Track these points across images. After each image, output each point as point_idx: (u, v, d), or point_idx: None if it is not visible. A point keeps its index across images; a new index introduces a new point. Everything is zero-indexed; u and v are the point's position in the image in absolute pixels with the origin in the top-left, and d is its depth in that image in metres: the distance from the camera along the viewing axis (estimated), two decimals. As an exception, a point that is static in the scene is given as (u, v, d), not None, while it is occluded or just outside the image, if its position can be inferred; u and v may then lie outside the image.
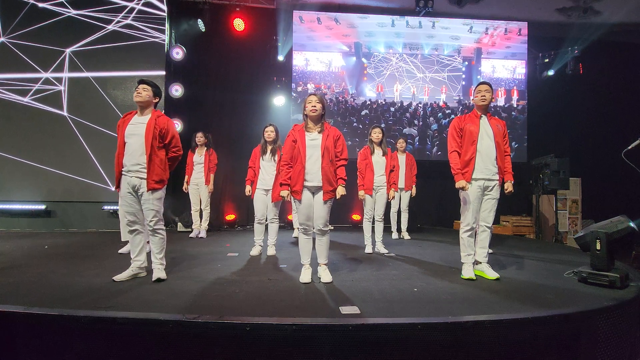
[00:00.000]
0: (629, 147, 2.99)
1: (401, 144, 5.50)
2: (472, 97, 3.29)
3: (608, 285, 2.75)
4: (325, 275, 2.97)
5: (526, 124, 7.54)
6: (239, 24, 6.94)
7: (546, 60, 7.77)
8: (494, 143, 3.12)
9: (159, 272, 2.95)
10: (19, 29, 6.33)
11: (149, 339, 1.98)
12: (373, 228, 4.43)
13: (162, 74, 6.54)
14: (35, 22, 6.35)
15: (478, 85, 3.20)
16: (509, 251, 4.51)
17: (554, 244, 5.82)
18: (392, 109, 7.31)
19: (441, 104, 7.41)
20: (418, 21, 7.36)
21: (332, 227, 3.14)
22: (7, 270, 3.23)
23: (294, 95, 7.13)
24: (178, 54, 6.68)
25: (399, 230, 5.68)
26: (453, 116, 7.30)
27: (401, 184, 5.39)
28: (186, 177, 5.43)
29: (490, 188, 3.14)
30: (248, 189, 4.22)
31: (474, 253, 3.19)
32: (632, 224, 2.87)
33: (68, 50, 6.38)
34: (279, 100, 7.19)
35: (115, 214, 6.33)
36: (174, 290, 2.66)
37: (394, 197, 4.64)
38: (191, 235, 5.50)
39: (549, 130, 7.64)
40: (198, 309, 2.18)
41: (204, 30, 6.86)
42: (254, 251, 4.14)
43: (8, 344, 2.03)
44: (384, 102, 7.29)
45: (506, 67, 7.53)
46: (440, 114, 7.41)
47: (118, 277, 2.89)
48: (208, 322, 1.95)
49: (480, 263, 3.19)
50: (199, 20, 6.77)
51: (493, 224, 3.25)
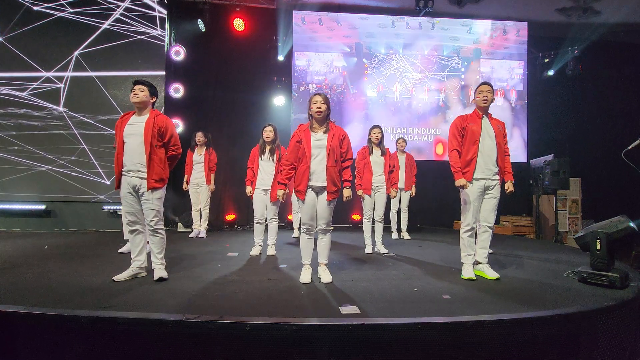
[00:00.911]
0: (629, 147, 2.99)
1: (401, 143, 5.51)
2: (472, 98, 3.29)
3: (608, 285, 2.75)
4: (325, 275, 2.97)
5: (526, 124, 7.54)
6: (239, 24, 6.94)
7: (546, 60, 7.77)
8: (495, 143, 3.13)
9: (160, 271, 2.95)
10: (17, 28, 6.33)
11: (149, 339, 1.98)
12: (373, 228, 4.43)
13: (162, 74, 6.53)
14: (34, 21, 6.35)
15: (480, 86, 3.19)
16: (509, 251, 4.51)
17: (554, 244, 5.82)
18: (392, 108, 7.31)
19: (440, 103, 7.41)
20: (418, 22, 7.36)
21: (333, 227, 3.13)
22: (7, 270, 3.23)
23: (295, 95, 7.13)
24: (178, 54, 6.68)
25: (398, 230, 5.68)
26: (453, 116, 7.31)
27: (401, 184, 5.40)
28: (185, 176, 5.44)
29: (491, 188, 3.14)
30: (249, 189, 4.21)
31: (474, 253, 3.19)
32: (632, 224, 2.87)
33: (76, 53, 6.38)
34: (279, 100, 7.19)
35: (115, 214, 6.34)
36: (174, 290, 2.66)
37: (395, 195, 4.64)
38: (191, 235, 5.50)
39: (549, 130, 7.64)
40: (198, 309, 2.18)
41: (204, 30, 6.86)
42: (254, 251, 4.14)
43: (8, 344, 2.03)
44: (383, 102, 7.30)
45: (506, 67, 7.52)
46: (439, 113, 7.41)
47: (118, 277, 2.89)
48: (208, 322, 1.95)
49: (481, 263, 3.19)
50: (199, 20, 6.77)
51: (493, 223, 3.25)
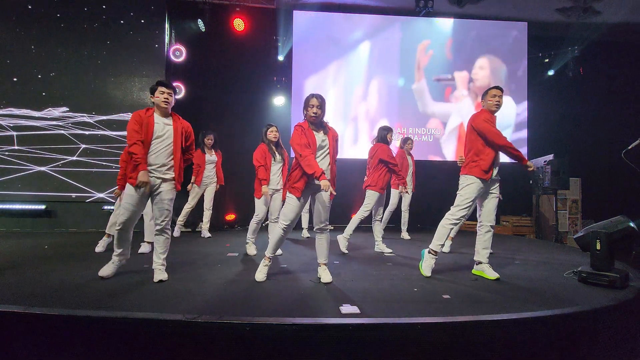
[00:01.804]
0: (629, 147, 2.99)
1: (409, 144, 5.52)
2: (483, 100, 3.28)
3: (608, 285, 2.75)
4: (325, 275, 2.97)
5: (526, 124, 7.54)
6: (239, 24, 6.94)
7: (546, 60, 7.77)
8: None
9: (160, 273, 2.95)
10: (17, 29, 6.33)
11: (149, 339, 1.98)
12: (372, 228, 4.43)
13: (161, 74, 6.53)
14: (34, 21, 6.35)
15: (492, 89, 3.22)
16: (509, 251, 4.51)
17: (554, 244, 5.82)
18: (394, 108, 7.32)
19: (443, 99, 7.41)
20: (418, 21, 7.35)
21: (332, 227, 3.13)
22: (7, 270, 3.23)
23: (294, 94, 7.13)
24: (178, 54, 6.68)
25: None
26: (454, 116, 7.32)
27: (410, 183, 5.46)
28: (193, 177, 5.44)
29: (495, 187, 3.19)
30: (265, 188, 3.96)
31: (475, 252, 3.22)
32: (632, 224, 2.87)
33: (76, 53, 6.38)
34: (279, 100, 7.19)
35: (115, 214, 6.33)
36: (174, 290, 2.66)
37: (406, 192, 4.63)
38: (174, 234, 5.41)
39: (549, 130, 7.63)
40: (198, 309, 2.18)
41: (204, 30, 6.86)
42: (251, 250, 4.12)
43: (8, 344, 2.03)
44: (384, 102, 7.30)
45: (506, 67, 7.52)
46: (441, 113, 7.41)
47: (104, 273, 2.92)
48: (208, 322, 1.96)
49: (482, 263, 3.19)
50: (199, 20, 6.77)
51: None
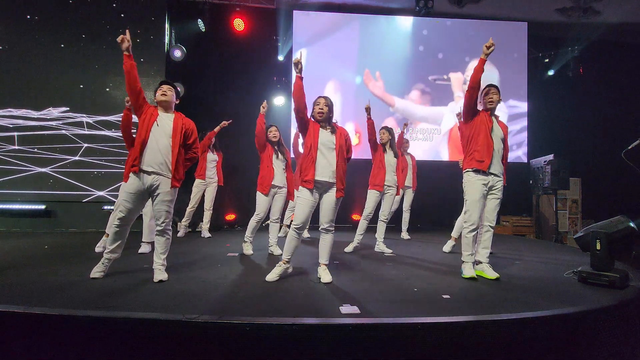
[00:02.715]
0: (629, 147, 2.99)
1: (405, 144, 5.53)
2: (479, 100, 3.30)
3: (608, 285, 2.75)
4: (325, 275, 2.97)
5: (526, 124, 7.54)
6: (239, 24, 6.94)
7: (546, 60, 7.77)
8: (503, 144, 3.20)
9: (160, 273, 2.94)
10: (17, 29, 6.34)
11: (149, 339, 1.98)
12: (371, 227, 4.43)
13: (162, 74, 6.53)
14: (33, 21, 6.35)
15: (485, 88, 3.22)
16: (509, 251, 4.51)
17: (554, 244, 5.82)
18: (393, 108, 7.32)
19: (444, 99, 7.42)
20: (418, 21, 7.36)
21: (334, 227, 3.13)
22: (7, 270, 3.22)
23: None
24: (178, 54, 6.68)
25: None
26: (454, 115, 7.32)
27: (408, 182, 5.46)
28: (196, 176, 5.47)
29: (497, 188, 3.17)
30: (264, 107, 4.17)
31: (475, 252, 3.20)
32: (632, 224, 2.87)
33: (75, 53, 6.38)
34: (279, 100, 7.19)
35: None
36: (174, 290, 2.66)
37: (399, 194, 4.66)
38: (179, 234, 5.45)
39: (549, 130, 7.64)
40: (198, 309, 2.18)
41: (204, 30, 6.87)
42: (248, 250, 4.11)
43: (8, 344, 2.03)
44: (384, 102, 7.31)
45: (506, 67, 7.52)
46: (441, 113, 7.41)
47: (93, 274, 2.92)
48: (208, 322, 1.95)
49: (481, 263, 3.19)
50: (199, 20, 6.78)
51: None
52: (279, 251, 4.11)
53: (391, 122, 7.26)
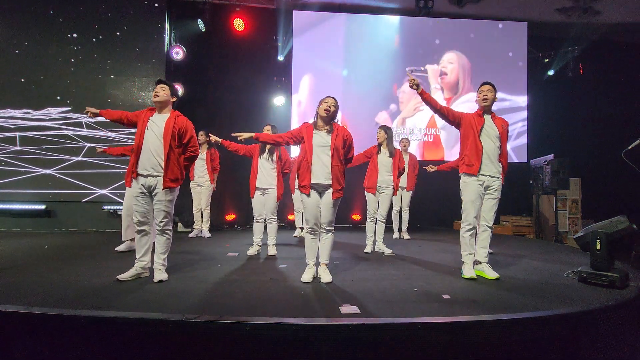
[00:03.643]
0: (629, 147, 2.99)
1: (404, 143, 5.53)
2: (475, 98, 3.31)
3: (608, 285, 2.75)
4: (325, 275, 2.97)
5: (526, 124, 7.54)
6: (239, 24, 6.95)
7: (546, 60, 7.77)
8: (498, 142, 3.16)
9: (160, 273, 2.95)
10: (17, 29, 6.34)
11: (149, 339, 1.98)
12: (375, 228, 4.43)
13: (162, 74, 6.53)
14: (33, 21, 6.35)
15: (480, 86, 3.23)
16: (509, 251, 4.51)
17: (554, 244, 5.82)
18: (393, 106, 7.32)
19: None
20: (418, 21, 7.36)
21: (334, 228, 3.13)
22: (7, 270, 3.23)
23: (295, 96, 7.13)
24: (178, 54, 6.68)
25: (399, 230, 5.69)
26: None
27: (403, 183, 5.41)
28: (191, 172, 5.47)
29: (493, 188, 3.15)
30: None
31: (474, 252, 3.20)
32: (632, 225, 2.86)
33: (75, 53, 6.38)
34: (279, 100, 7.20)
35: (115, 214, 6.34)
36: (174, 290, 2.66)
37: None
38: (191, 235, 5.50)
39: (549, 130, 7.64)
40: (198, 309, 2.18)
41: (204, 30, 6.87)
42: (251, 250, 4.14)
43: (8, 343, 2.03)
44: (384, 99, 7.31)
45: (506, 67, 7.52)
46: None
47: (122, 276, 2.89)
48: (208, 322, 1.95)
49: (481, 263, 3.19)
50: (199, 20, 6.78)
51: (493, 223, 3.25)
52: (273, 251, 4.12)
53: (384, 115, 7.26)
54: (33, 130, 6.32)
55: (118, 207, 6.30)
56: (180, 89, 6.68)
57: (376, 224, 4.39)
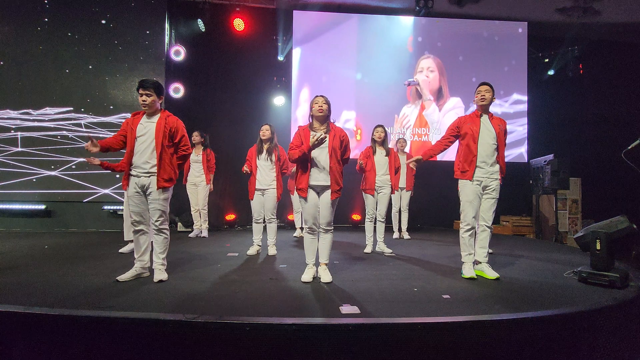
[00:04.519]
0: (629, 147, 2.99)
1: (401, 143, 5.53)
2: (473, 98, 3.31)
3: (608, 285, 2.75)
4: (325, 275, 2.97)
5: (526, 124, 7.54)
6: (239, 24, 6.94)
7: (546, 60, 7.76)
8: (495, 142, 3.15)
9: (160, 273, 2.95)
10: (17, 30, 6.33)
11: (149, 339, 1.98)
12: (375, 228, 4.43)
13: (162, 74, 6.53)
14: (34, 21, 6.35)
15: (478, 86, 3.23)
16: (509, 251, 4.51)
17: (554, 244, 5.82)
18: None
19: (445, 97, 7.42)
20: (418, 21, 7.36)
21: (332, 227, 3.13)
22: (7, 270, 3.23)
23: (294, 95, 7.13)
24: (178, 53, 6.68)
25: (399, 229, 5.69)
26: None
27: (402, 183, 5.41)
28: (184, 177, 5.47)
29: (491, 188, 3.15)
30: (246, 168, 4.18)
31: (474, 252, 3.20)
32: (632, 225, 2.86)
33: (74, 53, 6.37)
34: (279, 100, 7.20)
35: (115, 214, 6.34)
36: (174, 290, 2.66)
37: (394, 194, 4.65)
38: (190, 235, 5.50)
39: (549, 130, 7.64)
40: (198, 309, 2.18)
41: (204, 30, 6.87)
42: (251, 251, 4.14)
43: (8, 344, 2.03)
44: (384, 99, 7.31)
45: (506, 67, 7.52)
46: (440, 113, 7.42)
47: (122, 277, 2.89)
48: (208, 322, 1.95)
49: (480, 263, 3.19)
50: (199, 20, 6.78)
51: (493, 223, 3.25)
52: (273, 251, 4.13)
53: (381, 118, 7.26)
54: (33, 130, 6.32)
55: (118, 207, 6.30)
56: (180, 89, 6.69)
57: (375, 223, 4.40)
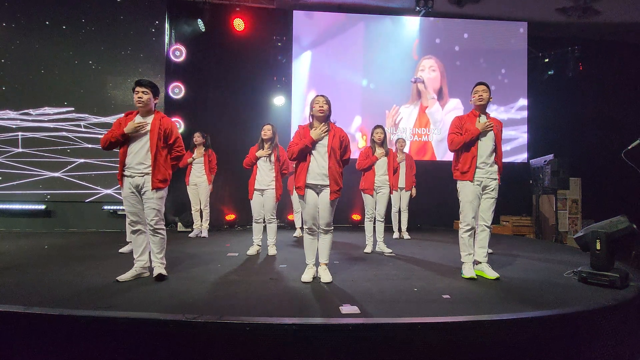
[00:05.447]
0: (629, 147, 3.00)
1: (401, 143, 5.53)
2: (470, 98, 3.31)
3: (608, 285, 2.75)
4: (325, 275, 2.97)
5: (526, 124, 7.54)
6: (239, 24, 6.94)
7: (546, 60, 7.76)
8: (493, 142, 3.15)
9: (159, 269, 2.96)
10: (17, 30, 6.33)
11: (149, 339, 1.98)
12: (374, 228, 4.43)
13: (161, 74, 6.53)
14: (34, 21, 6.35)
15: (475, 86, 3.23)
16: (509, 251, 4.51)
17: (554, 244, 5.82)
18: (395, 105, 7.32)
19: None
20: (418, 21, 7.36)
21: (332, 227, 3.13)
22: (7, 270, 3.23)
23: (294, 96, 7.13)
24: (178, 53, 6.68)
25: (399, 229, 5.69)
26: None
27: (401, 183, 5.42)
28: (186, 177, 5.47)
29: (490, 188, 3.15)
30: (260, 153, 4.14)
31: (473, 252, 3.20)
32: (632, 225, 2.86)
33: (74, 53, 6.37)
34: (279, 100, 7.19)
35: (115, 213, 6.34)
36: (174, 290, 2.66)
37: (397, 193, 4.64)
38: (190, 235, 5.50)
39: (549, 130, 7.63)
40: (198, 309, 2.18)
41: (204, 30, 6.87)
42: (251, 251, 4.14)
43: (8, 344, 2.03)
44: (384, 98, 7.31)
45: (506, 67, 7.52)
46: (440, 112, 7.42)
47: (121, 278, 2.88)
48: (208, 322, 1.95)
49: (480, 263, 3.19)
50: (199, 20, 6.78)
51: (493, 223, 3.25)
52: (273, 251, 4.13)
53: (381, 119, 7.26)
54: (34, 131, 6.31)
55: (118, 207, 6.30)
56: (180, 89, 6.69)
57: (375, 223, 4.40)
